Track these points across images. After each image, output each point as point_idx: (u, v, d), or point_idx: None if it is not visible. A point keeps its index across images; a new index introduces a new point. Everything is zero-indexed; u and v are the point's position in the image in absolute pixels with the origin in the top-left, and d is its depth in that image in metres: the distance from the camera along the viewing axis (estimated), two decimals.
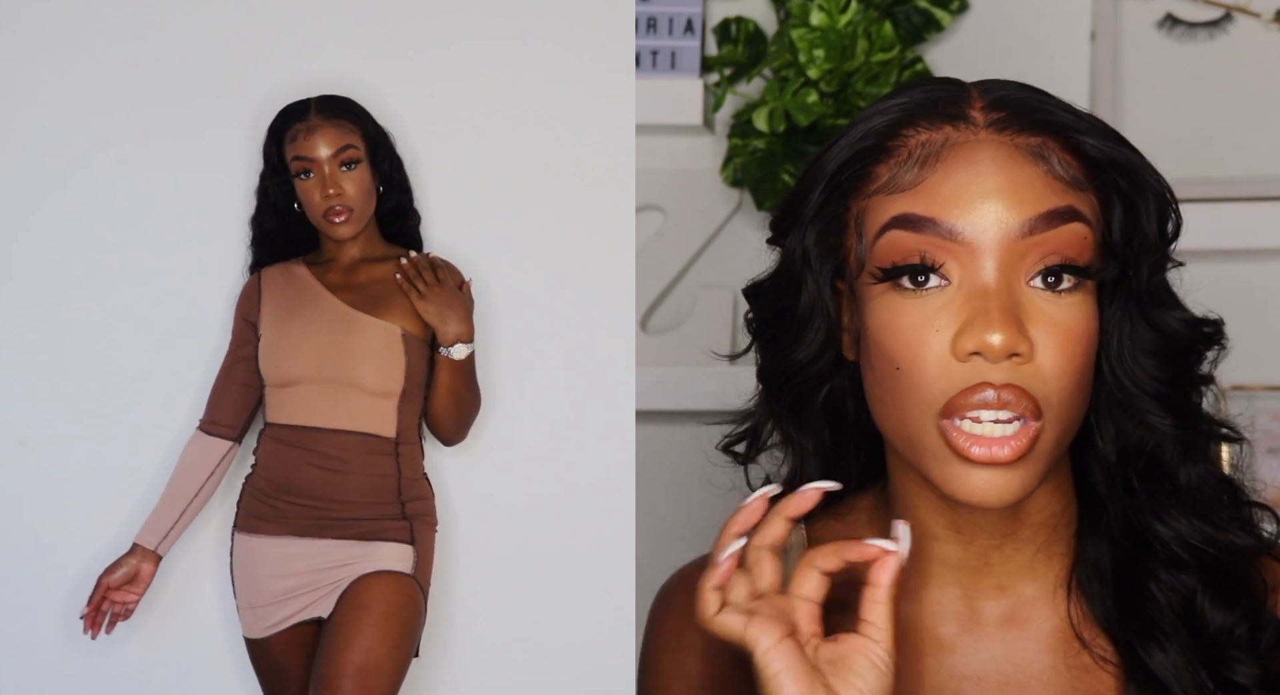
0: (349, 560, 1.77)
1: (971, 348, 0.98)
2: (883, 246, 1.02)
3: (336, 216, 1.80)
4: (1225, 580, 1.07)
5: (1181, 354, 1.07)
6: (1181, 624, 1.06)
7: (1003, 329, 0.97)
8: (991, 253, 0.99)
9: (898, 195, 1.02)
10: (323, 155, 1.80)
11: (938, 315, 1.00)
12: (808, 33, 2.09)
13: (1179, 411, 1.07)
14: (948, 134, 1.03)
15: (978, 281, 0.99)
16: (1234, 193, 2.05)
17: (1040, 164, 1.01)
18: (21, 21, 1.92)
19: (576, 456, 1.94)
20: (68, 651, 1.89)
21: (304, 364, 1.79)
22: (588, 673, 1.92)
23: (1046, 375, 0.99)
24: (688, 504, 2.17)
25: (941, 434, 0.99)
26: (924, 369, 0.99)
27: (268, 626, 1.79)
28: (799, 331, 1.10)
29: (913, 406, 1.00)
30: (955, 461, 0.99)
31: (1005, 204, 1.00)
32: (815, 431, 1.14)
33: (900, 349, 1.01)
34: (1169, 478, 1.07)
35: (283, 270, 1.87)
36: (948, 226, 1.00)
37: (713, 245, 2.25)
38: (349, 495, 1.78)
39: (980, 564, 1.09)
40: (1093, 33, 2.18)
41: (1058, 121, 1.03)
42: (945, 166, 1.01)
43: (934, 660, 1.10)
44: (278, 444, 1.80)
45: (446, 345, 1.80)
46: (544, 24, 1.94)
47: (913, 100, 1.06)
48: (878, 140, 1.04)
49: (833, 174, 1.07)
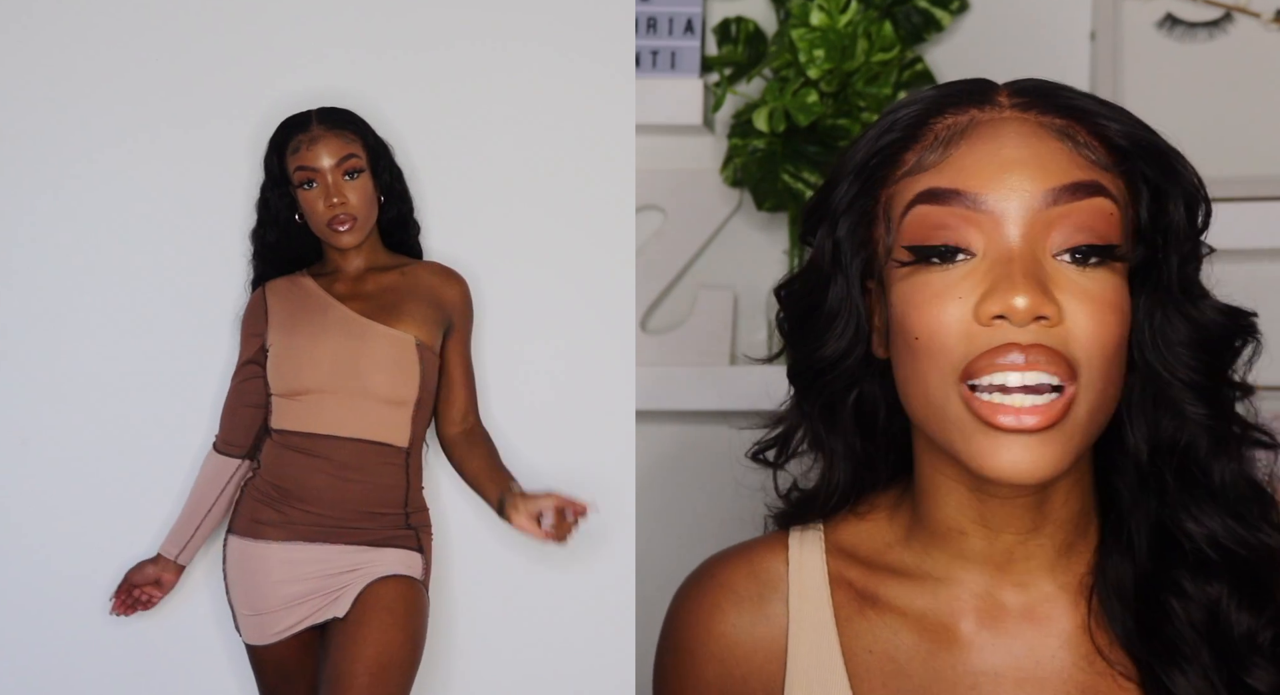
0: (358, 565, 1.76)
1: (996, 311, 0.97)
2: (909, 223, 1.02)
3: (340, 225, 1.80)
4: (1253, 584, 1.06)
5: (1216, 345, 1.06)
6: (1203, 642, 1.05)
7: (1027, 291, 0.97)
8: (1015, 222, 0.99)
9: (923, 174, 1.03)
10: (326, 165, 1.80)
11: (959, 284, 1.00)
12: (808, 33, 2.09)
13: (1214, 403, 1.06)
14: (973, 115, 1.04)
15: (1002, 250, 0.99)
16: (1234, 193, 2.05)
17: (1065, 141, 1.02)
18: (23, 25, 1.91)
19: (576, 456, 1.94)
20: (66, 652, 1.90)
21: (317, 373, 1.78)
22: (588, 672, 1.92)
23: (1080, 337, 0.98)
24: (688, 503, 2.18)
25: (965, 403, 0.98)
26: (945, 336, 0.99)
27: (276, 632, 1.78)
28: (827, 327, 1.10)
29: (934, 374, 1.00)
30: (981, 434, 0.98)
31: (1028, 174, 1.00)
32: (845, 435, 1.14)
33: (920, 319, 1.00)
34: (1203, 473, 1.06)
35: (288, 283, 1.87)
36: (972, 196, 1.00)
37: (713, 245, 2.25)
38: (358, 504, 1.77)
39: (1004, 559, 1.09)
40: (1093, 33, 2.18)
41: (1082, 106, 1.04)
42: (969, 142, 1.02)
43: (951, 655, 1.10)
44: (287, 450, 1.79)
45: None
46: (544, 24, 1.94)
47: (940, 93, 1.07)
48: (905, 130, 1.05)
49: (860, 166, 1.07)
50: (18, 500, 1.91)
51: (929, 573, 1.12)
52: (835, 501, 1.17)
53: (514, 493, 1.77)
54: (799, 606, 1.14)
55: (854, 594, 1.14)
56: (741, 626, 1.16)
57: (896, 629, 1.12)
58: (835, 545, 1.17)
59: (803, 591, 1.15)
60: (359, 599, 1.74)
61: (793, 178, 2.11)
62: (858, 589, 1.14)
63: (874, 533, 1.16)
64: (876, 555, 1.15)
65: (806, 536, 1.18)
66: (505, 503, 1.77)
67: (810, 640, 1.13)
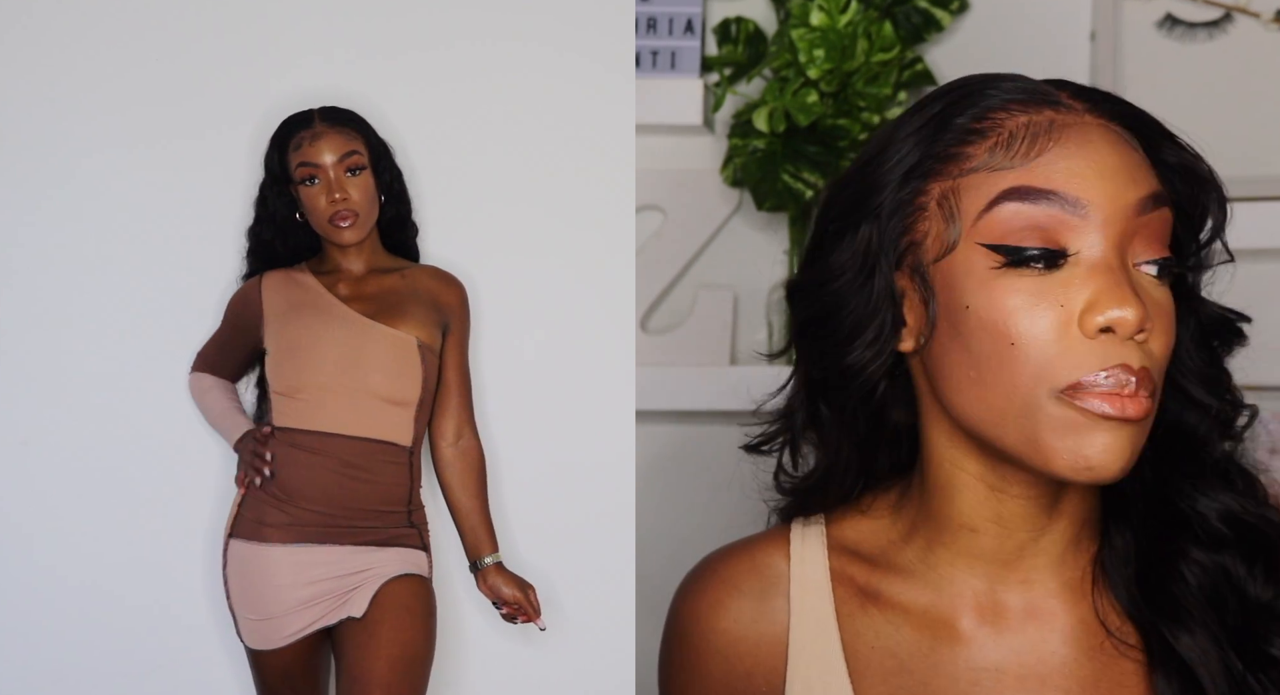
0: (369, 565, 1.76)
1: (1104, 322, 0.98)
2: (994, 221, 1.01)
3: (342, 221, 1.80)
4: (1267, 555, 1.07)
5: (1212, 338, 1.11)
6: (1210, 607, 1.06)
7: (1135, 305, 0.97)
8: (1113, 229, 1.00)
9: (1006, 172, 1.01)
10: (328, 161, 1.79)
11: (1057, 290, 0.99)
12: (808, 33, 2.09)
13: (1218, 391, 1.10)
14: (1050, 116, 1.03)
15: (1100, 257, 0.99)
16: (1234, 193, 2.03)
17: (1139, 150, 1.03)
18: (24, 25, 1.91)
19: (576, 457, 1.94)
20: (67, 653, 1.90)
21: (320, 371, 1.78)
22: (588, 672, 1.92)
23: (1157, 356, 1.01)
24: (687, 503, 2.18)
25: (1068, 404, 0.98)
26: (1045, 344, 0.99)
27: (285, 636, 1.76)
28: (855, 328, 1.08)
29: (1027, 381, 0.99)
30: (1081, 426, 0.98)
31: (1122, 183, 1.00)
32: (855, 432, 1.14)
33: (1015, 324, 0.99)
34: (1209, 454, 1.09)
35: (286, 277, 1.86)
36: (1072, 199, 1.00)
37: (713, 245, 2.25)
38: (364, 502, 1.77)
39: (1013, 556, 1.10)
40: (1093, 33, 2.18)
41: (1136, 115, 1.06)
42: (1059, 145, 1.01)
43: (951, 651, 1.10)
44: (292, 449, 1.78)
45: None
46: (544, 24, 1.94)
47: (994, 88, 1.05)
48: (966, 123, 1.04)
49: (913, 163, 1.05)
50: (18, 501, 1.91)
51: (931, 569, 1.12)
52: (838, 496, 1.17)
53: (488, 566, 1.84)
54: (800, 602, 1.14)
55: (855, 590, 1.14)
56: (744, 621, 1.16)
57: (898, 625, 1.12)
58: (837, 541, 1.17)
59: (804, 587, 1.15)
60: (376, 598, 1.74)
61: (793, 178, 2.11)
62: (859, 585, 1.14)
63: (876, 530, 1.16)
64: (879, 552, 1.15)
65: (808, 532, 1.18)
66: (478, 568, 1.84)
67: (811, 636, 1.13)
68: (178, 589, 1.90)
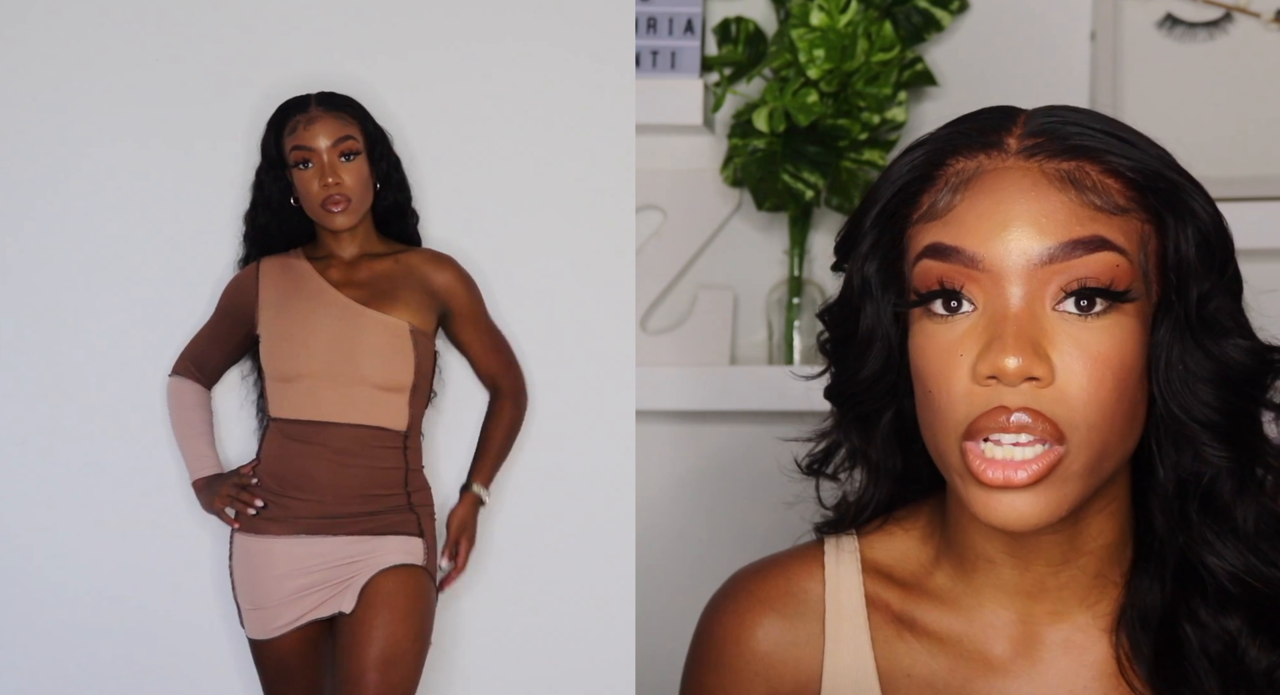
0: (361, 556, 1.77)
1: (987, 372, 0.98)
2: (918, 274, 1.03)
3: (335, 205, 1.80)
4: (1273, 621, 1.05)
5: (1240, 383, 1.04)
6: (1214, 672, 1.04)
7: (1017, 352, 0.97)
8: (1013, 279, 0.99)
9: (932, 223, 1.03)
10: (322, 145, 1.80)
11: (962, 341, 1.01)
12: (808, 33, 2.09)
13: (1235, 443, 1.04)
14: (980, 162, 1.04)
15: (999, 307, 1.00)
16: (1234, 193, 2.05)
17: (1070, 190, 1.01)
18: (24, 23, 1.91)
19: (576, 456, 1.94)
20: (67, 653, 1.90)
21: (311, 358, 1.79)
22: (588, 672, 1.92)
23: (1071, 399, 0.98)
24: (688, 504, 2.18)
25: (963, 456, 1.00)
26: (950, 393, 1.00)
27: (278, 627, 1.78)
28: (863, 354, 1.11)
29: (941, 428, 1.01)
30: (975, 486, 0.99)
31: (1026, 232, 0.99)
32: (885, 451, 1.14)
33: (930, 373, 1.02)
34: (1225, 511, 1.05)
35: (282, 263, 1.86)
36: (970, 254, 1.00)
37: (713, 245, 2.25)
38: (358, 488, 1.78)
39: (1036, 589, 1.09)
40: (1093, 33, 2.18)
41: (1090, 146, 1.02)
42: (973, 194, 1.02)
43: (987, 683, 1.10)
44: (287, 440, 1.79)
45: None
46: (544, 24, 1.94)
47: (959, 130, 1.07)
48: (925, 169, 1.05)
49: (886, 202, 1.07)
50: (18, 500, 1.91)
51: (963, 597, 1.11)
52: (870, 512, 1.17)
53: (470, 493, 1.88)
54: (836, 628, 1.13)
55: (891, 616, 1.13)
56: (782, 643, 1.15)
57: (934, 653, 1.11)
58: (871, 564, 1.16)
59: (840, 613, 1.14)
60: (363, 594, 1.75)
61: (793, 178, 2.11)
62: (894, 611, 1.13)
63: (908, 552, 1.16)
64: (912, 577, 1.14)
65: (843, 554, 1.16)
66: (465, 490, 1.89)
67: (847, 662, 1.12)
68: (178, 588, 1.90)
